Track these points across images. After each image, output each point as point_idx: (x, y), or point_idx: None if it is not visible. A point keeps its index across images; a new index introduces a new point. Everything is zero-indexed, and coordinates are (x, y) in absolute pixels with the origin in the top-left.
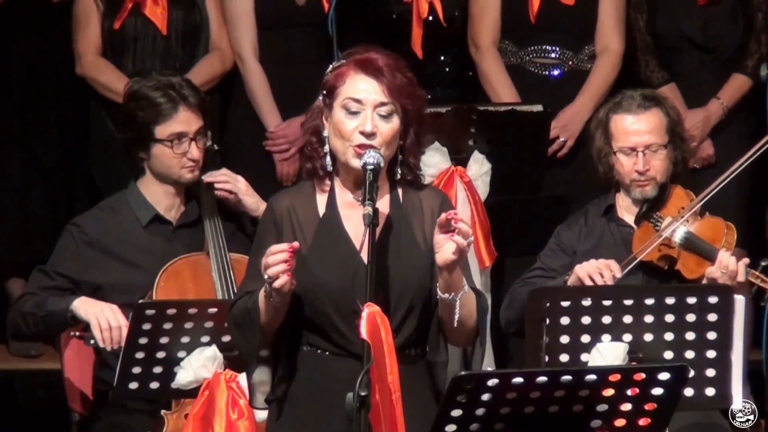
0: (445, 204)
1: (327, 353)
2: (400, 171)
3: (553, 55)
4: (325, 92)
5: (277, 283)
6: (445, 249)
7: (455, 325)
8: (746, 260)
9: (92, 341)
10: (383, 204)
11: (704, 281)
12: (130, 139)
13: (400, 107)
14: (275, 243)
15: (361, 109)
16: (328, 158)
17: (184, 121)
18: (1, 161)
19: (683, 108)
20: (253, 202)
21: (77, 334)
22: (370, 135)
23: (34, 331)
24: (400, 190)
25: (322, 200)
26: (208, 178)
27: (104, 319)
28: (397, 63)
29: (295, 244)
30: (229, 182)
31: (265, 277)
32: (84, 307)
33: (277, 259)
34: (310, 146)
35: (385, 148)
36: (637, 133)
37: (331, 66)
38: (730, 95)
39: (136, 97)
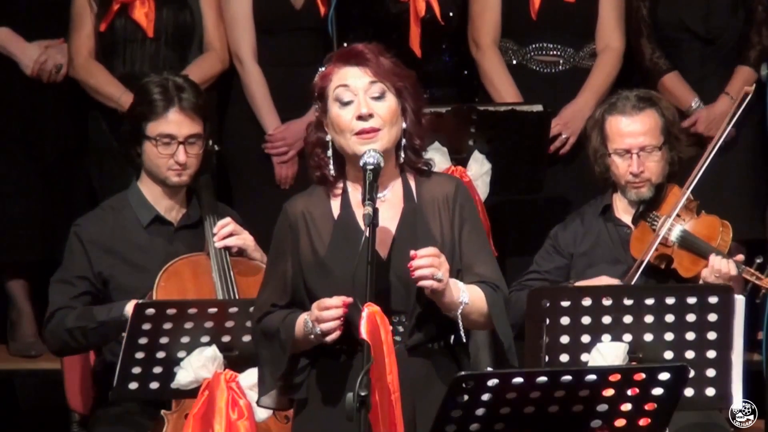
0: (459, 190)
1: (346, 354)
2: (404, 155)
3: (554, 53)
4: (316, 97)
5: (329, 338)
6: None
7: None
8: (741, 257)
9: None
10: (397, 197)
11: (701, 283)
12: (127, 132)
13: (392, 86)
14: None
15: (353, 97)
16: (332, 164)
17: (175, 123)
18: (1, 160)
19: (690, 94)
20: (259, 257)
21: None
22: (367, 117)
23: (85, 344)
24: (412, 181)
25: (336, 202)
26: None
27: None
28: (378, 48)
29: (349, 299)
30: (240, 240)
31: (317, 330)
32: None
33: (331, 315)
34: (317, 157)
35: (388, 128)
36: (631, 134)
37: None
38: (739, 89)
39: (138, 90)
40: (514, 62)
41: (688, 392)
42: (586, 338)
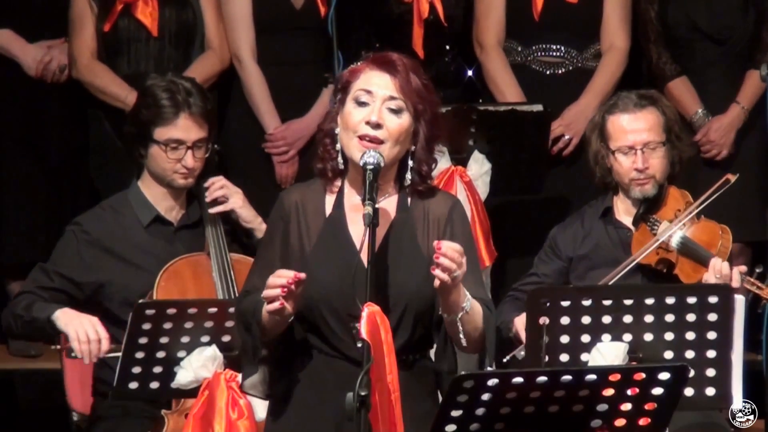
0: (455, 210)
1: (322, 354)
2: (410, 178)
3: (557, 53)
4: (339, 88)
5: (268, 306)
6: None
7: (460, 341)
8: (743, 268)
9: (73, 353)
10: (390, 207)
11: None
12: (131, 134)
13: (411, 106)
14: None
15: (371, 101)
16: (340, 157)
17: (184, 128)
18: (5, 161)
19: (695, 102)
20: (249, 214)
21: (59, 347)
22: (375, 126)
23: (21, 333)
24: (409, 197)
25: (330, 200)
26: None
27: (83, 331)
28: (414, 65)
29: (302, 275)
30: (225, 190)
31: (262, 295)
32: (64, 318)
33: (276, 282)
34: (323, 147)
35: (392, 144)
36: (635, 131)
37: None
38: (750, 96)
39: (144, 93)
40: (518, 63)
41: (688, 392)
42: (586, 338)
